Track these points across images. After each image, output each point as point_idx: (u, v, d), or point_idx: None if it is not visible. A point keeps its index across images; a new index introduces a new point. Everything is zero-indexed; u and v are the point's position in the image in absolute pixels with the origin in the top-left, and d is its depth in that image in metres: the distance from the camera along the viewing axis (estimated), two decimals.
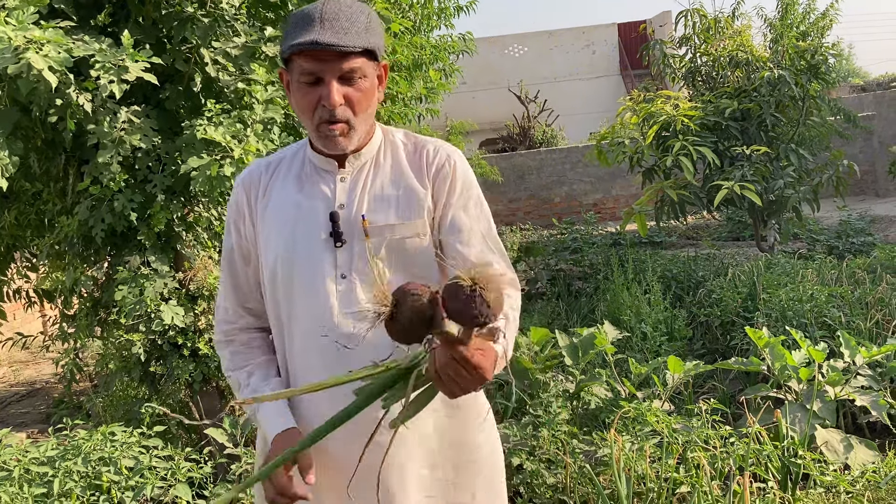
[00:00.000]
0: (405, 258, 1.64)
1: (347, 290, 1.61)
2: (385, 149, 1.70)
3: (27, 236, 4.46)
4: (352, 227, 1.62)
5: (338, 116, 1.54)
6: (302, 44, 1.48)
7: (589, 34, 22.92)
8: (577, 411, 3.81)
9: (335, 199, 1.64)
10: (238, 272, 1.74)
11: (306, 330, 1.62)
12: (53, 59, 2.90)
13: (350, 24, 1.50)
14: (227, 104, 3.72)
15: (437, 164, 1.68)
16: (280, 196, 1.68)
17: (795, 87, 6.92)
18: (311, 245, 1.63)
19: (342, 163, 1.66)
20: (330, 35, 1.47)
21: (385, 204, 1.64)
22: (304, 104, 1.56)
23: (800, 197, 7.02)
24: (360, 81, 1.55)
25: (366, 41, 1.52)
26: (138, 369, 3.90)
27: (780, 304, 4.77)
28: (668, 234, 11.22)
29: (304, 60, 1.51)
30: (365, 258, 1.61)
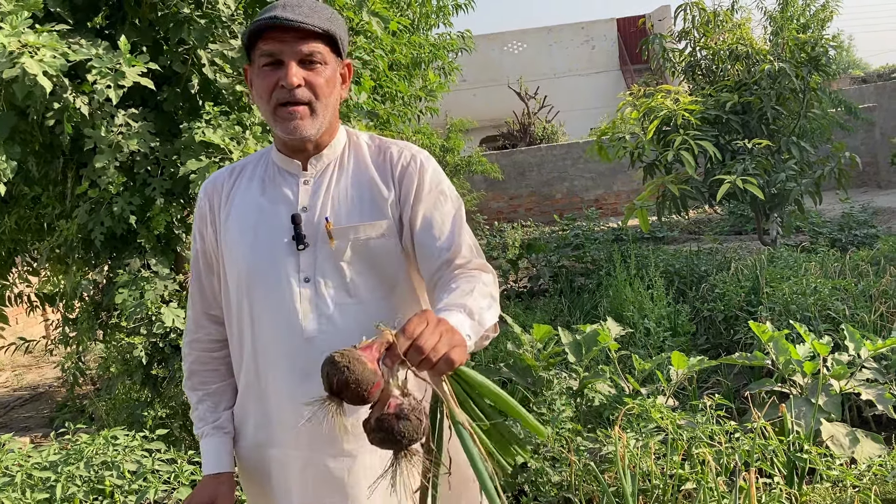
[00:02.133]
0: (371, 259, 1.61)
1: (312, 293, 1.58)
2: (349, 151, 1.68)
3: (27, 240, 4.46)
4: (315, 230, 1.59)
5: (297, 96, 1.52)
6: (261, 20, 1.48)
7: (588, 29, 22.88)
8: (581, 409, 3.79)
9: (297, 201, 1.62)
10: (203, 280, 1.73)
11: (273, 334, 1.60)
12: (48, 64, 2.89)
13: (312, 11, 1.51)
14: (225, 106, 3.71)
15: (402, 165, 1.65)
16: (243, 200, 1.66)
17: (796, 80, 6.90)
18: (273, 249, 1.60)
19: (305, 164, 1.64)
20: (289, 13, 1.47)
21: (349, 205, 1.62)
22: (262, 88, 1.53)
23: (802, 190, 6.99)
24: (321, 67, 1.54)
25: (327, 24, 1.51)
26: (140, 372, 3.89)
27: (783, 298, 4.75)
28: (671, 228, 11.19)
29: (265, 43, 1.51)
30: (329, 261, 1.59)
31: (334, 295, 1.58)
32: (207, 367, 1.74)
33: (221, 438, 1.68)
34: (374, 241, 1.60)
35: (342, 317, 1.58)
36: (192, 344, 1.75)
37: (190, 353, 1.75)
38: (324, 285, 1.58)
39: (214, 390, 1.72)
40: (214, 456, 1.66)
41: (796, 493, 2.99)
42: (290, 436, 1.60)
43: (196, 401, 1.72)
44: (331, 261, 1.58)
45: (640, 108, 7.15)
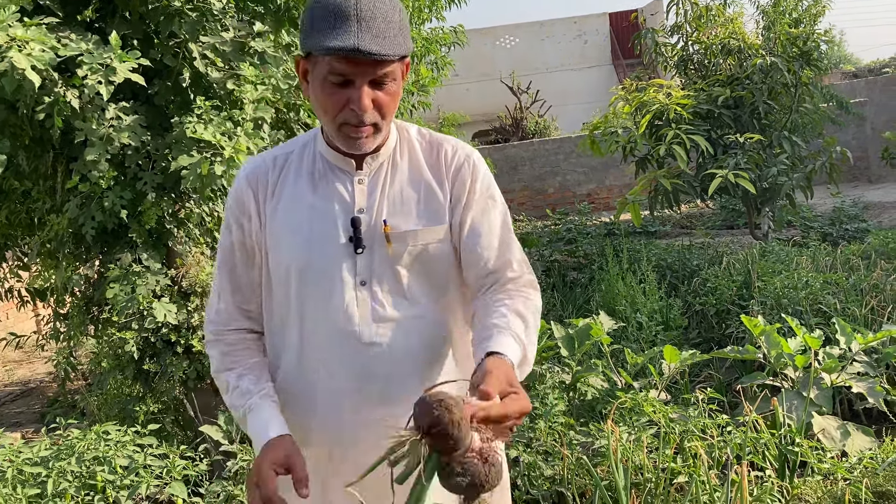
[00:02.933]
0: (427, 265, 1.59)
1: (369, 297, 1.55)
2: (401, 147, 1.64)
3: (18, 235, 4.44)
4: (372, 233, 1.56)
5: (366, 121, 1.46)
6: (341, 49, 1.38)
7: (580, 24, 22.87)
8: (574, 402, 3.80)
9: (354, 202, 1.57)
10: (239, 273, 1.64)
11: (325, 336, 1.56)
12: (37, 59, 2.87)
13: (387, 25, 1.41)
14: (216, 101, 3.69)
15: (456, 165, 1.62)
16: (292, 196, 1.60)
17: (788, 74, 6.91)
18: (328, 249, 1.56)
19: (359, 163, 1.59)
20: (369, 40, 1.38)
21: (406, 208, 1.58)
22: (328, 104, 1.47)
23: (793, 184, 7.01)
24: (391, 85, 1.48)
25: (403, 47, 1.44)
26: (132, 367, 3.88)
27: (775, 292, 4.77)
28: (662, 223, 11.21)
29: (337, 61, 1.41)
30: (386, 264, 1.56)
31: (390, 299, 1.56)
32: (241, 346, 1.64)
33: (273, 406, 1.55)
34: (432, 245, 1.58)
35: (397, 321, 1.56)
36: (218, 333, 1.65)
37: (217, 343, 1.64)
38: (380, 289, 1.56)
39: (253, 364, 1.62)
40: (272, 420, 1.52)
41: (788, 486, 3.00)
42: (333, 436, 1.57)
43: (235, 377, 1.59)
44: (388, 265, 1.56)
45: (633, 102, 7.15)
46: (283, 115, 4.23)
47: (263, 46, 3.62)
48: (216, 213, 4.06)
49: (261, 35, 3.66)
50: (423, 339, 1.58)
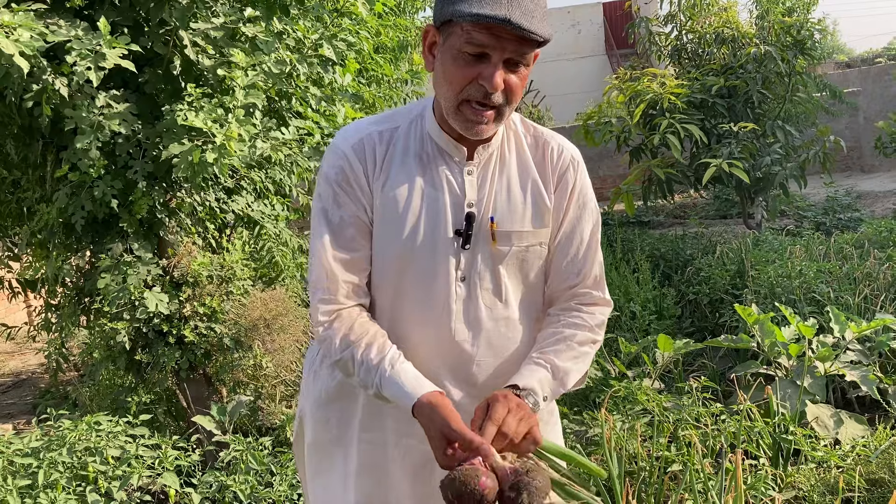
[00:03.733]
0: (525, 267, 1.57)
1: (467, 293, 1.52)
2: (508, 140, 1.58)
3: (8, 225, 4.40)
4: (479, 229, 1.51)
5: (493, 100, 1.39)
6: (491, 17, 1.30)
7: (574, 14, 22.83)
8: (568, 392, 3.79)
9: (464, 194, 1.52)
10: (355, 248, 1.52)
11: (420, 327, 1.53)
12: (25, 45, 2.83)
13: (534, 5, 1.34)
14: (207, 88, 3.66)
15: (562, 168, 1.59)
16: (400, 178, 1.52)
17: (781, 63, 6.90)
18: (435, 240, 1.51)
19: (470, 152, 1.53)
20: (520, 14, 1.31)
21: (513, 207, 1.54)
22: (457, 76, 1.39)
23: (787, 174, 7.01)
24: (523, 69, 1.41)
25: (548, 31, 1.38)
26: (124, 358, 3.85)
27: (768, 281, 4.77)
28: (656, 213, 11.22)
29: (477, 31, 1.34)
30: (487, 262, 1.52)
31: (487, 298, 1.54)
32: (357, 321, 1.52)
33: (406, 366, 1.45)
34: (533, 248, 1.56)
35: (490, 321, 1.54)
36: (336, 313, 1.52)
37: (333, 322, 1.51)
38: (479, 287, 1.53)
39: (374, 333, 1.50)
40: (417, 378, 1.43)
41: (782, 474, 3.01)
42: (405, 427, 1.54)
43: (360, 352, 1.46)
44: (490, 263, 1.53)
45: (627, 92, 7.14)
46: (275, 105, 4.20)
47: (255, 31, 3.59)
48: (207, 202, 4.03)
49: (252, 21, 3.62)
50: (511, 341, 1.58)
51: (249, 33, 3.57)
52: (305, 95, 4.22)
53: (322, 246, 1.52)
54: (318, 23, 4.38)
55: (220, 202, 4.12)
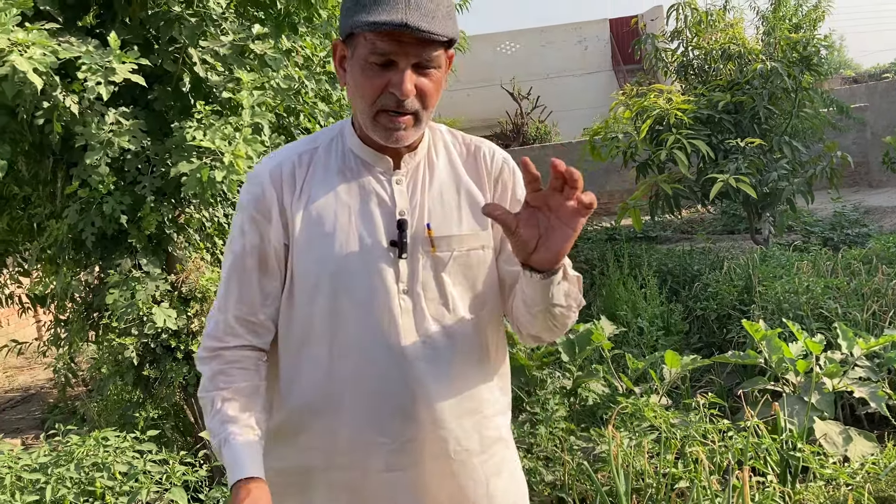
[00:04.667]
0: (470, 273, 1.49)
1: (412, 307, 1.44)
2: (435, 146, 1.54)
3: (19, 241, 4.43)
4: (415, 237, 1.45)
5: (406, 107, 1.36)
6: (387, 24, 1.28)
7: (581, 30, 22.90)
8: (575, 408, 3.79)
9: (395, 204, 1.46)
10: (250, 280, 1.47)
11: (364, 349, 1.43)
12: (38, 62, 2.87)
13: (435, 6, 1.32)
14: (216, 105, 3.69)
15: (496, 170, 1.55)
16: (322, 195, 1.46)
17: (788, 79, 6.91)
18: (369, 254, 1.43)
19: (396, 161, 1.48)
20: (417, 17, 1.29)
21: (448, 211, 1.48)
22: (367, 87, 1.36)
23: (794, 189, 7.01)
24: (435, 72, 1.37)
25: (451, 30, 1.35)
26: (132, 373, 3.86)
27: (776, 297, 4.76)
28: (663, 228, 11.22)
29: (380, 39, 1.31)
30: (429, 271, 1.45)
31: (434, 309, 1.45)
32: (237, 365, 1.47)
33: (254, 442, 1.40)
34: (475, 252, 1.49)
35: (440, 334, 1.46)
36: (217, 352, 1.48)
37: (213, 359, 1.48)
38: (424, 298, 1.45)
39: (243, 388, 1.45)
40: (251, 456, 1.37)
41: (790, 492, 2.99)
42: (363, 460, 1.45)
43: (220, 400, 1.43)
44: (431, 272, 1.45)
45: (633, 107, 7.16)
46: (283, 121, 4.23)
47: (263, 48, 3.62)
48: (216, 218, 4.06)
49: (260, 38, 3.65)
50: (465, 353, 1.49)
51: (258, 51, 3.61)
52: (314, 111, 4.25)
53: (224, 277, 1.50)
54: (326, 40, 4.42)
55: (229, 218, 4.14)
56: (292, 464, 1.51)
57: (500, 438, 1.56)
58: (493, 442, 1.54)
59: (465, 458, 1.48)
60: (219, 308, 1.50)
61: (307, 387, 1.47)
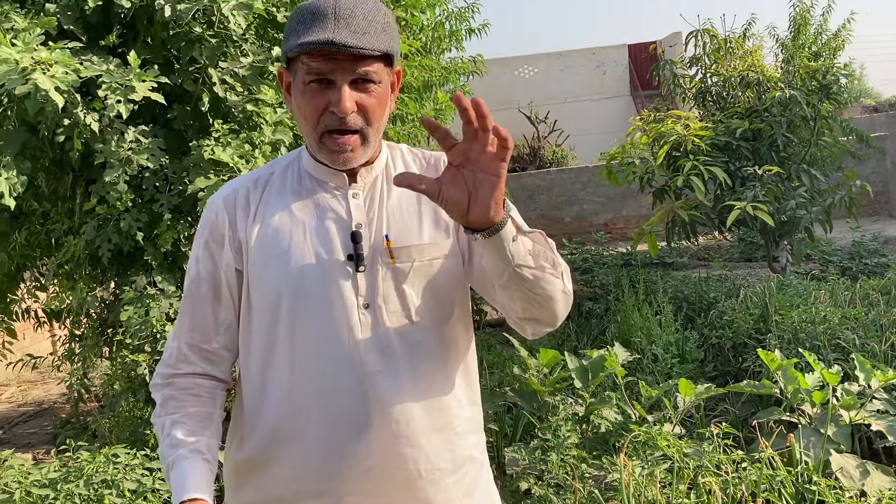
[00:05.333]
0: (433, 284, 1.46)
1: (373, 320, 1.41)
2: (394, 160, 1.52)
3: (36, 256, 4.48)
4: (374, 250, 1.43)
5: (349, 124, 1.35)
6: (314, 43, 1.29)
7: (599, 55, 22.99)
8: (587, 435, 3.75)
9: (351, 217, 1.44)
10: (203, 307, 1.47)
11: (325, 368, 1.40)
12: (60, 80, 2.91)
13: (367, 23, 1.33)
14: (234, 124, 3.72)
15: None
16: (277, 215, 1.46)
17: (807, 108, 6.88)
18: (325, 270, 1.41)
19: (352, 177, 1.46)
20: (346, 34, 1.30)
21: (408, 222, 1.46)
22: (308, 109, 1.37)
23: (812, 217, 6.96)
24: (375, 87, 1.37)
25: (385, 44, 1.35)
26: (144, 390, 3.88)
27: (792, 326, 4.71)
28: (680, 254, 11.15)
29: (313, 60, 1.33)
30: (389, 283, 1.43)
31: (396, 322, 1.43)
32: (188, 392, 1.47)
33: (202, 464, 1.39)
34: (437, 262, 1.46)
35: (403, 346, 1.43)
36: (170, 379, 1.47)
37: (165, 386, 1.47)
38: (385, 311, 1.42)
39: (194, 413, 1.45)
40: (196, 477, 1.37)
41: None
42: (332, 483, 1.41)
43: (169, 424, 1.42)
44: (392, 283, 1.43)
45: (651, 133, 7.15)
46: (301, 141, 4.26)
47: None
48: None
49: (280, 59, 3.69)
50: (430, 365, 1.46)
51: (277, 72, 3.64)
52: None
53: (182, 304, 1.50)
54: None
55: None
56: (265, 496, 1.47)
57: (471, 457, 1.51)
58: (465, 461, 1.49)
59: (437, 478, 1.44)
60: (173, 335, 1.50)
61: (272, 412, 1.44)
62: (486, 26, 7.70)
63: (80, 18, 3.43)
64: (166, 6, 3.35)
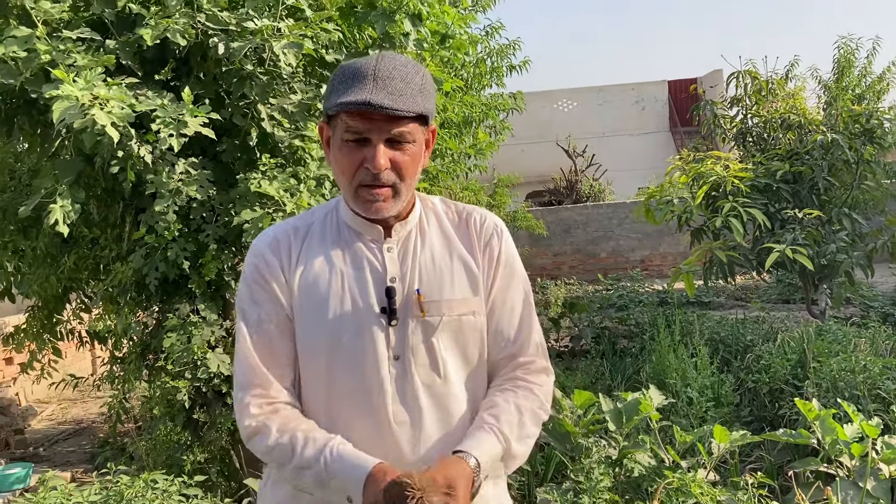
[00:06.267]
0: (461, 339, 1.51)
1: (402, 372, 1.47)
2: (427, 215, 1.60)
3: (84, 279, 4.60)
4: (406, 303, 1.49)
5: (382, 180, 1.43)
6: (353, 103, 1.37)
7: (639, 90, 23.00)
8: (620, 479, 3.73)
9: (386, 270, 1.51)
10: (278, 347, 1.50)
11: (356, 415, 1.46)
12: (116, 115, 3.02)
13: (405, 84, 1.40)
14: (281, 159, 3.82)
15: (486, 236, 1.58)
16: (317, 264, 1.52)
17: (849, 152, 6.83)
18: (361, 321, 1.47)
19: (387, 231, 1.54)
20: (383, 96, 1.37)
21: (439, 277, 1.52)
22: (345, 164, 1.44)
23: (853, 262, 6.86)
24: (409, 146, 1.44)
25: (420, 106, 1.42)
26: (182, 415, 3.95)
27: (830, 374, 4.65)
28: (717, 294, 11.04)
29: (351, 118, 1.41)
30: (419, 337, 1.48)
31: (423, 375, 1.48)
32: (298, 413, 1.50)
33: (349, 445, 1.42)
34: (466, 318, 1.52)
35: (429, 398, 1.48)
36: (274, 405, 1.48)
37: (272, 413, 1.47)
38: (413, 364, 1.47)
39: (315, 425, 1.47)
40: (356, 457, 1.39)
41: None
42: None
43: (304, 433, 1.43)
44: (421, 337, 1.48)
45: (690, 172, 7.13)
46: None
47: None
48: None
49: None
50: (455, 418, 1.50)
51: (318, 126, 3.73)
52: None
53: (245, 347, 1.50)
54: None
55: None
56: None
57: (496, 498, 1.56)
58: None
59: None
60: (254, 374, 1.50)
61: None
62: (527, 63, 7.79)
63: (136, 54, 3.55)
64: (220, 44, 3.47)
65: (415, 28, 3.88)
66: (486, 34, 7.55)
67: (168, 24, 3.37)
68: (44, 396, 7.99)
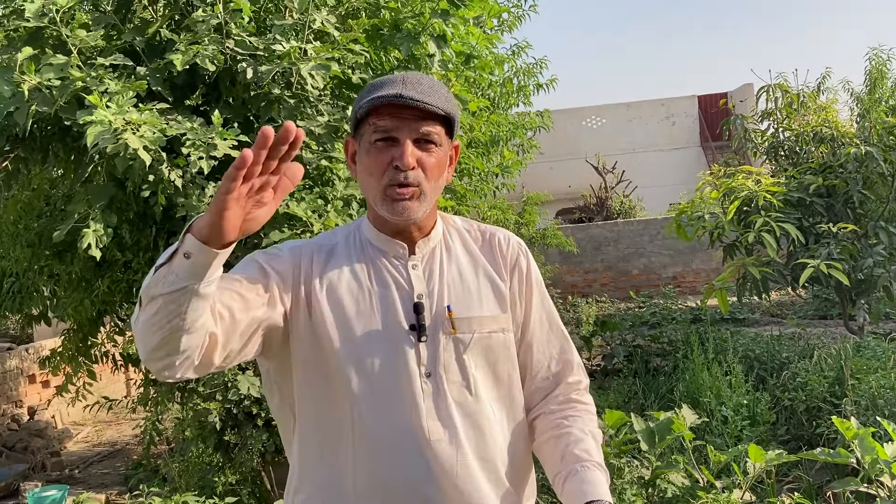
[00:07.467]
0: (490, 355, 1.51)
1: (435, 389, 1.45)
2: (450, 233, 1.59)
3: (117, 301, 4.66)
4: (435, 320, 1.47)
5: (410, 180, 1.42)
6: (384, 97, 1.39)
7: (668, 106, 22.89)
8: (653, 499, 3.67)
9: (412, 287, 1.49)
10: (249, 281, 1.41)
11: (388, 433, 1.43)
12: (148, 140, 3.07)
13: (432, 90, 1.44)
14: (308, 180, 3.85)
15: (513, 255, 1.58)
16: (344, 280, 1.49)
17: (884, 164, 6.72)
18: (390, 339, 1.45)
19: (411, 247, 1.52)
20: (413, 92, 1.40)
21: (468, 293, 1.52)
22: (374, 165, 1.44)
23: (891, 276, 6.73)
24: (435, 149, 1.45)
25: (449, 107, 1.45)
26: (213, 437, 3.97)
27: (870, 392, 4.55)
28: (751, 310, 10.88)
29: (380, 119, 1.42)
30: (450, 354, 1.47)
31: (455, 392, 1.46)
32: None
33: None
34: (496, 335, 1.51)
35: (461, 416, 1.46)
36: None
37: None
38: (445, 381, 1.46)
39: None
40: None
41: None
42: None
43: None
44: (453, 354, 1.47)
45: (721, 188, 7.06)
46: None
47: None
48: None
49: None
50: (486, 436, 1.49)
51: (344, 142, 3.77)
52: None
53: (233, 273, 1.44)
54: None
55: None
56: None
57: None
58: None
59: None
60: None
61: (323, 474, 1.46)
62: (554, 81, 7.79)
63: (167, 80, 3.62)
64: (248, 69, 3.52)
65: (439, 49, 3.90)
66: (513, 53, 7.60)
67: (197, 50, 3.42)
68: (79, 419, 8.09)
